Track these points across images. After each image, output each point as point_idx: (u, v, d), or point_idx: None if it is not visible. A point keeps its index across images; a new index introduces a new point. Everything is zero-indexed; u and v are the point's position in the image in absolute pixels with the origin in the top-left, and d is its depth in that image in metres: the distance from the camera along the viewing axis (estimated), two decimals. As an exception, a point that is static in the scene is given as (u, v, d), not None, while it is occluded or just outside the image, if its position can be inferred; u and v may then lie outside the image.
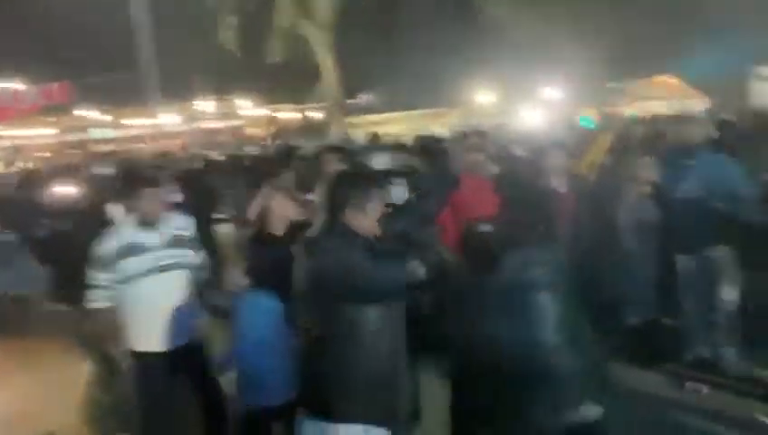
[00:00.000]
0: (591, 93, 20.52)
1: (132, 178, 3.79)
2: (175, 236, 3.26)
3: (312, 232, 2.66)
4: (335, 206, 2.33)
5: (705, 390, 3.99)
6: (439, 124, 22.79)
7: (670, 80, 21.94)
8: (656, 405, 3.84)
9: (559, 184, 4.04)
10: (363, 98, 31.31)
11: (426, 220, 2.86)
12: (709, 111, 13.54)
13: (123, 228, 3.21)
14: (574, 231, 3.60)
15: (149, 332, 3.13)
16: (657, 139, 5.48)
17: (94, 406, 1.42)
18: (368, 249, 2.18)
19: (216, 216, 7.89)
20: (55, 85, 16.00)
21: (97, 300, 3.12)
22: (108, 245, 3.14)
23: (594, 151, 4.77)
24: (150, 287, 3.12)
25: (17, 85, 21.43)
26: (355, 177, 2.50)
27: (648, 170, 3.77)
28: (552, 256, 2.37)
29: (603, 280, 3.27)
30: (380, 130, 17.49)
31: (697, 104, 18.42)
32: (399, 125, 23.21)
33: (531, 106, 19.34)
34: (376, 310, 2.18)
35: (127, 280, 3.10)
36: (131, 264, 3.10)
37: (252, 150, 15.33)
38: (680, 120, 4.41)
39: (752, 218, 3.67)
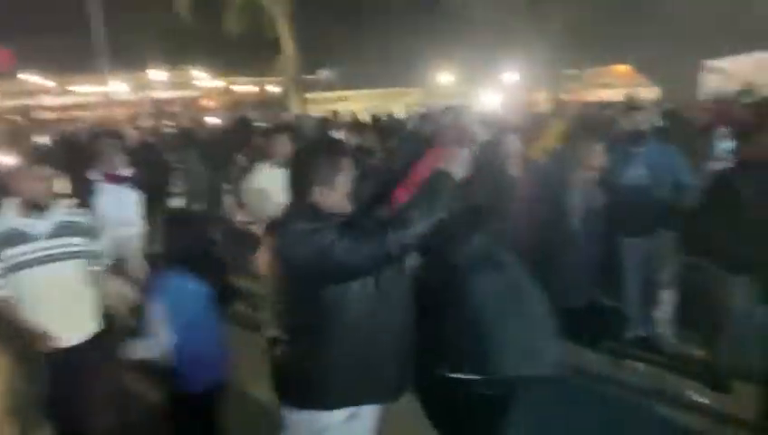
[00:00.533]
0: (549, 79, 20.89)
1: (73, 150, 3.55)
2: (64, 222, 2.98)
3: (277, 214, 2.44)
4: (299, 184, 2.15)
5: (642, 368, 4.20)
6: (399, 104, 22.78)
7: (623, 68, 22.56)
8: (596, 382, 4.02)
9: (514, 169, 4.11)
10: (323, 74, 30.86)
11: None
12: (658, 100, 13.99)
13: (7, 212, 2.91)
14: (527, 215, 3.69)
15: (49, 325, 2.79)
16: (605, 125, 5.64)
17: (14, 396, 1.38)
18: (339, 228, 2.01)
19: (169, 190, 7.69)
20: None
21: None
22: None
23: (547, 137, 4.88)
24: (38, 275, 2.88)
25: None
26: (318, 150, 2.22)
27: (596, 157, 3.88)
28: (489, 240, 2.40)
29: (552, 263, 3.37)
30: (339, 107, 17.33)
31: (648, 93, 19.05)
32: (358, 103, 23.04)
33: (489, 89, 19.54)
34: (353, 289, 2.05)
35: (15, 269, 2.84)
36: (16, 252, 2.83)
37: (211, 121, 14.88)
38: (630, 107, 4.55)
39: (692, 206, 3.84)
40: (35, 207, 2.86)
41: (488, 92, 18.78)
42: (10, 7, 23.42)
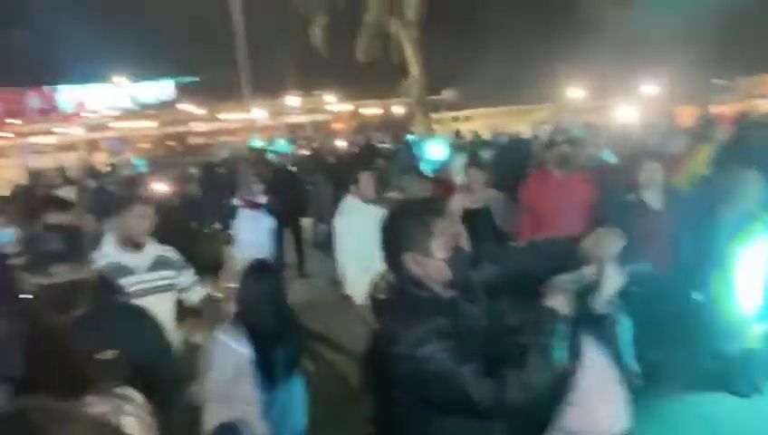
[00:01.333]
0: (695, 91, 19.10)
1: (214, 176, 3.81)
2: (159, 257, 3.10)
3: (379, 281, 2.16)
4: (390, 250, 1.81)
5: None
6: (524, 122, 22.18)
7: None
8: None
9: (653, 199, 3.78)
10: (446, 94, 31.05)
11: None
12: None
13: (106, 246, 3.02)
14: (670, 251, 3.37)
15: None
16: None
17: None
18: (440, 312, 1.68)
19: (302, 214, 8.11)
20: (163, 84, 17.29)
21: None
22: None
23: (694, 163, 4.40)
24: None
25: (123, 80, 23.34)
26: (408, 211, 1.92)
27: (750, 184, 3.42)
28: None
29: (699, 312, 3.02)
30: (462, 126, 17.30)
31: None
32: (483, 122, 22.81)
33: (625, 103, 18.31)
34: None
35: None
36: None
37: (340, 144, 15.53)
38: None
39: None
40: (133, 242, 2.98)
41: (625, 108, 17.59)
42: (173, 46, 26.65)
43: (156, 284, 3.00)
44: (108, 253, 2.95)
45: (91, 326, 1.63)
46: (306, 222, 8.51)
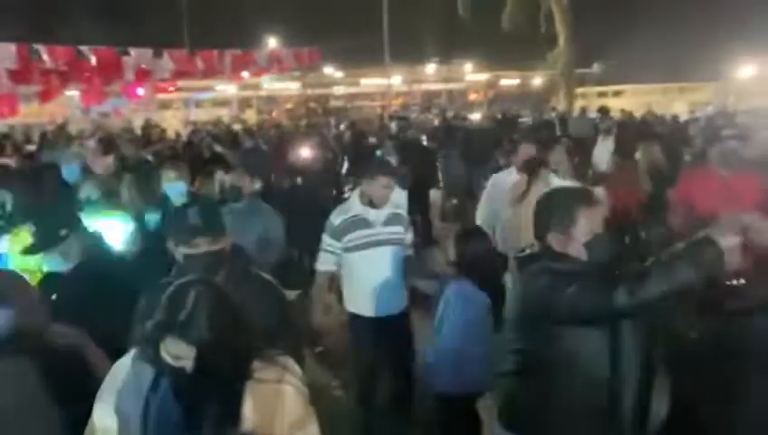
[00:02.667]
0: None
1: (368, 163, 4.03)
2: (393, 213, 3.50)
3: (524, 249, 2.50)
4: (537, 225, 2.16)
5: None
6: (682, 101, 20.05)
7: None
8: None
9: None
10: (595, 67, 28.96)
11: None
12: None
13: (353, 203, 3.56)
14: None
15: (362, 297, 3.45)
16: None
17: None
18: (572, 274, 1.98)
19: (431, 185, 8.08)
20: (306, 50, 18.05)
21: (324, 262, 3.56)
22: (339, 217, 3.48)
23: None
24: (367, 258, 3.43)
25: (273, 46, 24.75)
26: (557, 197, 2.22)
27: None
28: None
29: None
30: (610, 103, 16.05)
31: None
32: (633, 99, 21.00)
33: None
34: (587, 338, 1.99)
35: (351, 250, 3.43)
36: (355, 236, 3.41)
37: (474, 116, 15.21)
38: None
39: None
40: (373, 203, 3.49)
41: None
42: (318, 12, 27.68)
43: (388, 237, 3.44)
44: (354, 207, 3.50)
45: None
46: (435, 195, 8.47)
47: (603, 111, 11.51)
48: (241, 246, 2.24)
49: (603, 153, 7.48)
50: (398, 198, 5.39)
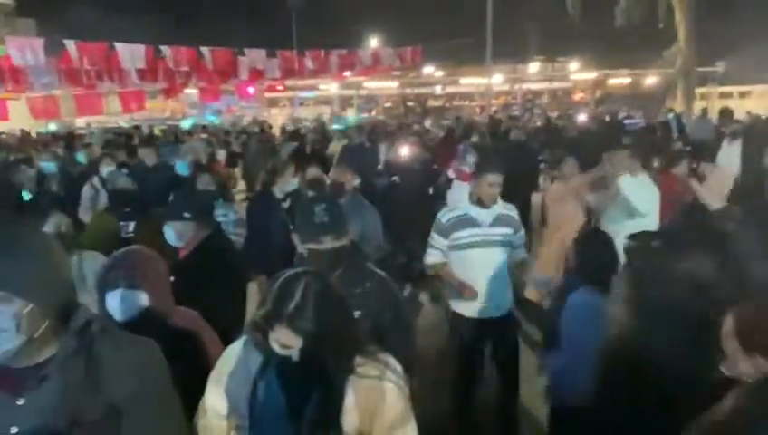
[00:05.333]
0: None
1: (481, 161, 3.95)
2: (502, 214, 3.44)
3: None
4: None
5: None
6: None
7: None
8: None
9: None
10: (719, 66, 26.63)
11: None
12: None
13: (462, 202, 3.54)
14: None
15: (467, 297, 3.37)
16: None
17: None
18: None
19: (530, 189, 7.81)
20: (409, 49, 18.20)
21: (431, 256, 3.54)
22: (448, 214, 3.48)
23: None
24: (472, 258, 3.36)
25: (375, 46, 25.19)
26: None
27: None
28: None
29: None
30: (734, 104, 14.65)
31: None
32: (760, 101, 19.07)
33: None
34: None
35: (457, 248, 3.40)
36: (462, 234, 3.38)
37: (580, 118, 14.52)
38: None
39: None
40: (482, 202, 3.45)
41: None
42: (420, 12, 27.77)
43: (495, 238, 3.39)
44: (463, 205, 3.50)
45: (344, 290, 1.76)
46: (536, 198, 8.18)
47: (726, 112, 10.55)
48: (359, 244, 2.29)
49: (729, 158, 6.86)
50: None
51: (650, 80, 28.18)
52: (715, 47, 23.44)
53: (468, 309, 3.38)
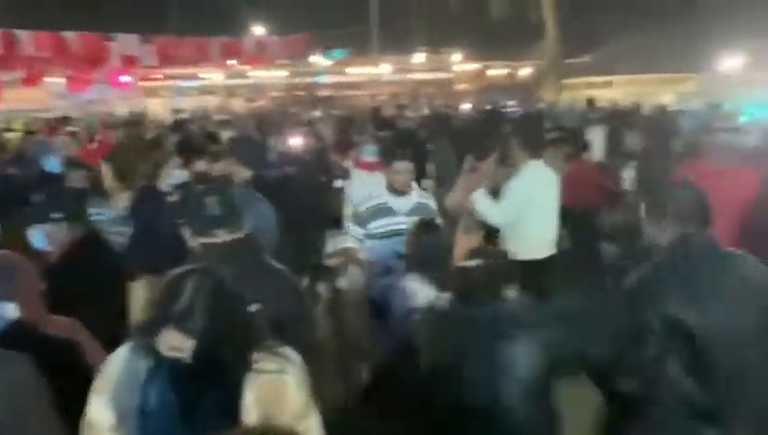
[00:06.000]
0: None
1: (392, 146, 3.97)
2: (419, 203, 3.49)
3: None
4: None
5: None
6: (670, 92, 20.17)
7: None
8: None
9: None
10: (584, 57, 29.01)
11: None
12: None
13: (378, 191, 3.59)
14: None
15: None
16: None
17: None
18: None
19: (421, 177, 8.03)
20: (293, 38, 17.88)
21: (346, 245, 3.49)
22: (365, 203, 3.53)
23: None
24: (389, 247, 3.35)
25: (260, 34, 24.49)
26: None
27: None
28: None
29: None
30: (597, 94, 16.12)
31: None
32: (621, 90, 21.06)
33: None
34: None
35: (374, 237, 3.43)
36: (379, 223, 3.41)
37: (464, 107, 15.16)
38: None
39: None
40: (396, 191, 3.49)
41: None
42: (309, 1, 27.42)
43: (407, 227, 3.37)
44: (380, 194, 3.51)
45: (240, 285, 1.71)
46: (427, 184, 8.43)
47: (591, 101, 11.61)
48: (255, 236, 2.22)
49: (595, 143, 7.52)
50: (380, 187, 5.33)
51: (525, 71, 30.08)
52: (581, 41, 25.47)
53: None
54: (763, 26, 18.11)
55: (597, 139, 7.76)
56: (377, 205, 3.45)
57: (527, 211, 3.85)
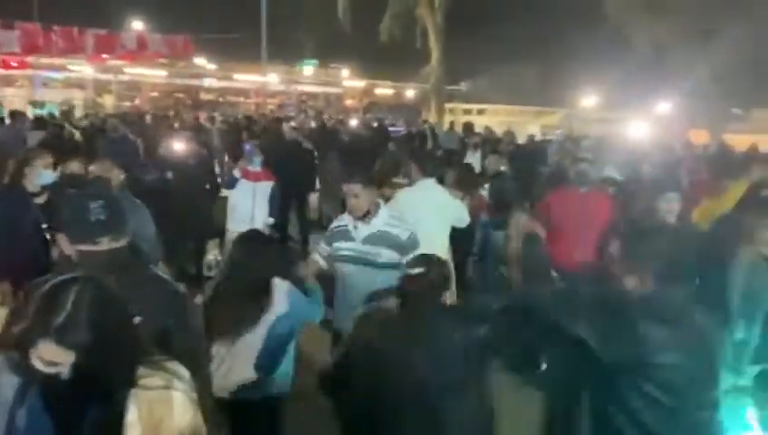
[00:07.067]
0: (710, 116, 19.07)
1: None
2: (379, 232, 3.21)
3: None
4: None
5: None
6: (535, 123, 22.10)
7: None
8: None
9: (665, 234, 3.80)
10: (463, 85, 30.85)
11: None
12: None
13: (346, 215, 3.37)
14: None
15: (338, 311, 3.29)
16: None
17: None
18: None
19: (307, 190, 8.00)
20: (180, 38, 17.06)
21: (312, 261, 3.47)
22: (336, 223, 3.42)
23: (723, 200, 4.33)
24: (344, 272, 3.29)
25: (140, 29, 23.00)
26: None
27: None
28: None
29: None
30: (474, 120, 17.17)
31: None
32: (494, 118, 22.67)
33: (638, 119, 18.26)
34: None
35: (335, 259, 3.33)
36: (337, 246, 3.30)
37: (352, 122, 15.35)
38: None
39: None
40: (355, 215, 3.23)
41: (638, 123, 17.53)
42: (192, 1, 26.32)
43: (367, 256, 3.18)
44: (344, 217, 3.34)
45: (125, 296, 1.63)
46: (314, 198, 8.42)
47: (468, 126, 12.33)
48: (138, 245, 2.09)
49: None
50: (265, 197, 5.24)
51: (410, 93, 31.32)
52: (461, 69, 27.07)
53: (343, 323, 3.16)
54: (613, 73, 20.57)
55: (474, 163, 8.28)
56: (338, 226, 3.33)
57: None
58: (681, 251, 2.01)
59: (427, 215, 3.98)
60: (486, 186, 4.76)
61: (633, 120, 18.01)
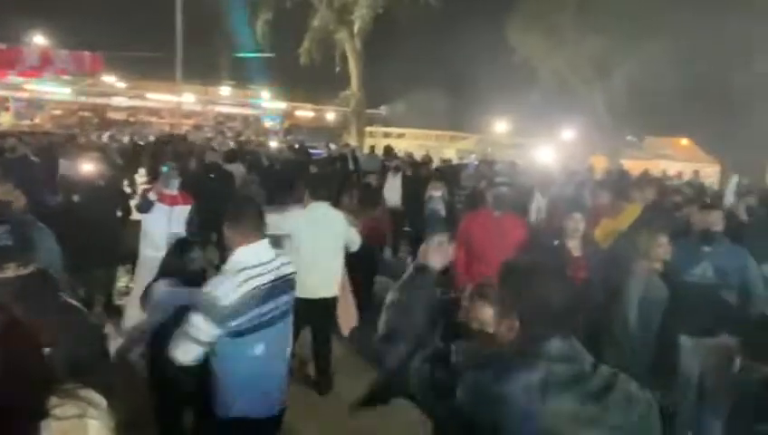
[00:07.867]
0: (608, 144, 20.68)
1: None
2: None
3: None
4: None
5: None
6: (451, 148, 22.93)
7: (684, 141, 22.11)
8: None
9: (573, 247, 4.09)
10: (383, 109, 31.49)
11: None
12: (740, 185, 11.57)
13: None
14: (583, 297, 3.66)
15: None
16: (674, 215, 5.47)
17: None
18: None
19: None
20: (88, 55, 16.21)
21: None
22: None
23: (620, 220, 4.74)
24: None
25: (43, 43, 21.57)
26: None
27: (661, 248, 3.82)
28: None
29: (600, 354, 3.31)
30: (394, 143, 17.56)
31: (710, 170, 18.60)
32: (413, 142, 23.29)
33: (545, 144, 19.46)
34: None
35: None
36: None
37: (273, 145, 15.19)
38: (704, 206, 4.44)
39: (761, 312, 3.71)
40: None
41: (545, 148, 18.68)
42: (97, 15, 25.11)
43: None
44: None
45: (34, 324, 1.56)
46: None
47: (389, 150, 12.58)
48: (47, 271, 1.99)
49: (392, 188, 8.19)
50: (181, 221, 5.06)
51: (330, 115, 31.51)
52: (381, 93, 27.66)
53: None
54: (522, 101, 21.88)
55: (395, 185, 8.46)
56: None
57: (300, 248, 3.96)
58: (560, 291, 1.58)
59: (318, 238, 4.04)
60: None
61: (541, 146, 19.15)
